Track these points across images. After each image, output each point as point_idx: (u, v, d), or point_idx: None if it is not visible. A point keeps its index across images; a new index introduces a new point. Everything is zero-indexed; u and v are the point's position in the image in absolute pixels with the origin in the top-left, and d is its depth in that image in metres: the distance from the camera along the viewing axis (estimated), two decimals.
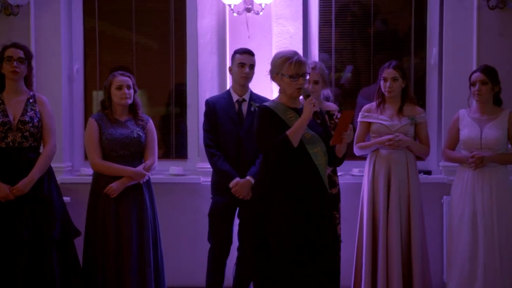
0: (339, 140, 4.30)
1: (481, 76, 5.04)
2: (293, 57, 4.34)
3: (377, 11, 6.23)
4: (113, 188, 5.01)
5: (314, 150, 4.35)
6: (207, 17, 6.08)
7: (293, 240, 4.28)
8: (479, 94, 5.05)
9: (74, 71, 6.34)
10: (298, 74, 4.32)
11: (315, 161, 4.34)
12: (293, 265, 4.27)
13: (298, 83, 4.33)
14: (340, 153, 4.42)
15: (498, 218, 4.92)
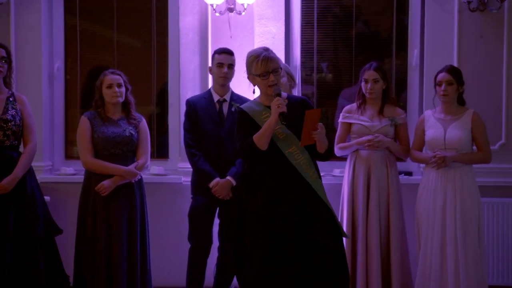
0: (310, 140, 4.23)
1: (447, 76, 5.05)
2: (260, 55, 4.29)
3: (359, 13, 6.24)
4: (104, 186, 5.00)
5: (289, 150, 4.31)
6: (189, 16, 6.07)
7: (266, 240, 4.26)
8: (444, 95, 5.06)
9: (54, 70, 6.31)
10: (267, 71, 4.27)
11: (291, 161, 4.30)
12: (268, 264, 4.24)
13: (269, 80, 4.28)
14: (321, 148, 4.34)
15: (461, 218, 4.92)
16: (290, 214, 4.26)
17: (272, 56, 4.30)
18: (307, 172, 4.32)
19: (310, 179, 4.32)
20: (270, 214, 4.27)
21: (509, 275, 5.84)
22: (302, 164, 4.31)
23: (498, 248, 5.84)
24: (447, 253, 4.93)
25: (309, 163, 4.35)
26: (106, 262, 5.01)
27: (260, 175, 4.35)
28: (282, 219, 4.26)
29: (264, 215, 4.28)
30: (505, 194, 5.89)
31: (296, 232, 4.25)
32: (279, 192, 4.29)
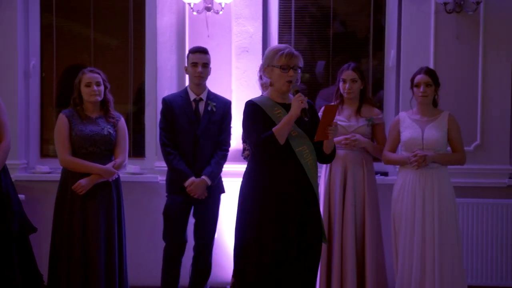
0: (324, 136, 4.20)
1: (426, 78, 5.07)
2: (285, 49, 4.27)
3: (336, 13, 6.26)
4: (81, 185, 4.97)
5: (300, 149, 4.27)
6: (167, 15, 6.06)
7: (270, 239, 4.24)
8: (423, 96, 5.08)
9: (30, 67, 6.26)
10: (289, 65, 4.23)
11: (300, 159, 4.26)
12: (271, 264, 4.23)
13: (288, 75, 4.23)
14: (328, 149, 4.34)
15: (440, 218, 4.94)
16: (294, 213, 4.24)
17: (297, 54, 4.29)
18: (313, 173, 4.31)
19: (313, 180, 4.30)
20: (275, 212, 4.24)
21: (483, 274, 5.88)
22: (309, 164, 4.28)
23: (473, 248, 5.88)
24: (426, 254, 4.95)
25: (315, 165, 4.33)
26: (83, 262, 4.98)
27: (267, 171, 4.31)
28: (286, 218, 4.24)
29: (269, 213, 4.25)
30: (480, 195, 5.94)
31: (298, 232, 4.23)
32: (285, 190, 4.26)
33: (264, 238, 4.24)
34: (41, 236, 5.47)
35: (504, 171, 5.95)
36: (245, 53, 6.04)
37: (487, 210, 5.89)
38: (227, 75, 6.04)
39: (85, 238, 4.98)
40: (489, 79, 5.89)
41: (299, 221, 4.24)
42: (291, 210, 4.23)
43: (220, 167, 5.31)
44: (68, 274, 4.98)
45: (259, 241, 4.26)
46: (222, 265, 5.87)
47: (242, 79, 6.02)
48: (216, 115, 5.31)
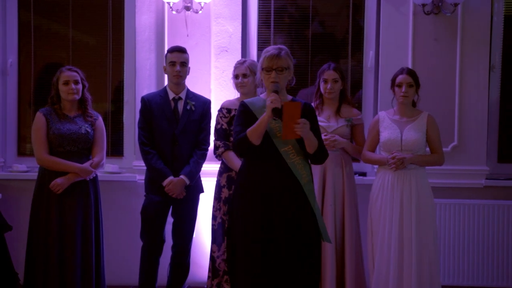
0: (292, 134, 4.14)
1: (408, 78, 5.09)
2: (270, 51, 4.28)
3: (315, 13, 6.27)
4: (58, 183, 4.95)
5: (285, 149, 4.26)
6: (146, 14, 6.04)
7: (257, 240, 4.24)
8: (405, 96, 5.10)
9: (7, 65, 6.23)
10: (271, 67, 4.23)
11: (286, 159, 4.25)
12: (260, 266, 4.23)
13: (270, 76, 4.25)
14: (310, 148, 4.27)
15: (418, 219, 4.96)
16: (280, 214, 4.22)
17: (281, 55, 4.26)
18: (301, 173, 4.28)
19: (302, 180, 4.27)
20: (260, 213, 4.24)
21: (459, 274, 5.92)
22: (296, 164, 4.26)
23: (450, 248, 5.91)
24: (404, 254, 4.98)
25: (304, 164, 4.30)
26: (59, 261, 4.97)
27: (254, 172, 4.31)
28: (271, 218, 4.23)
29: (254, 214, 4.25)
30: (457, 196, 5.98)
31: (286, 232, 4.21)
32: (269, 191, 4.25)
33: (250, 239, 4.24)
34: (17, 235, 5.44)
35: (481, 172, 5.98)
36: (224, 53, 6.04)
37: (464, 210, 5.92)
38: (206, 75, 6.03)
39: (62, 237, 4.98)
40: (467, 80, 5.93)
41: (286, 222, 4.22)
42: (276, 210, 4.22)
43: (199, 166, 5.31)
44: (45, 273, 4.98)
45: (245, 243, 4.27)
46: (200, 265, 5.86)
47: (221, 79, 6.02)
48: (195, 114, 5.30)
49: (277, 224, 4.21)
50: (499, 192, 6.02)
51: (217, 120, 5.34)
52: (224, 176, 5.27)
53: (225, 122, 5.28)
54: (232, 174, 5.22)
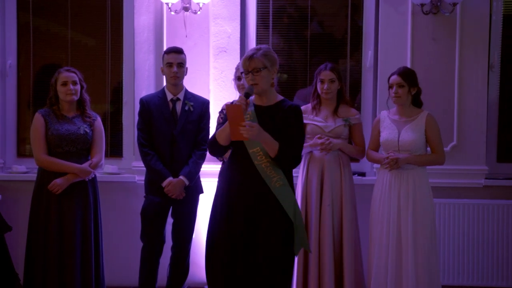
0: (239, 136, 4.09)
1: (398, 79, 5.08)
2: (246, 54, 4.28)
3: (314, 14, 6.27)
4: (57, 184, 4.95)
5: (253, 150, 4.23)
6: (144, 15, 6.04)
7: (219, 241, 4.27)
8: (396, 97, 5.09)
9: (7, 67, 6.23)
10: (247, 70, 4.22)
11: (254, 161, 4.22)
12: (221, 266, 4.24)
13: (248, 79, 4.24)
14: (270, 152, 4.19)
15: (415, 218, 4.96)
16: (239, 218, 4.21)
17: (255, 57, 4.21)
18: (270, 176, 4.21)
19: (272, 184, 4.20)
20: (225, 213, 4.25)
21: (459, 274, 5.92)
22: (264, 167, 4.22)
23: (449, 248, 5.91)
24: (402, 254, 4.97)
25: (274, 168, 4.22)
26: (59, 261, 4.97)
27: (227, 173, 4.34)
28: (233, 219, 4.23)
29: (221, 212, 4.27)
30: (457, 195, 5.98)
31: (244, 239, 4.19)
32: (235, 191, 4.25)
33: (215, 238, 4.29)
34: (17, 235, 5.46)
35: (480, 171, 5.99)
36: (223, 53, 6.04)
37: (464, 210, 5.92)
38: (205, 75, 6.04)
39: (61, 238, 4.98)
40: (466, 80, 5.93)
41: (244, 229, 4.19)
42: (238, 210, 4.21)
43: (198, 167, 5.31)
44: (44, 273, 4.98)
45: (211, 242, 4.33)
46: (200, 265, 5.85)
47: (220, 79, 6.02)
48: (194, 115, 5.31)
49: (237, 226, 4.20)
50: (498, 191, 6.01)
51: (218, 121, 5.35)
52: None
53: None
54: None
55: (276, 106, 4.30)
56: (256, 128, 4.09)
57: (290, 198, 4.25)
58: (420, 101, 5.19)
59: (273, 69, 4.28)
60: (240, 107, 4.09)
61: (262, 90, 4.27)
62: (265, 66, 4.22)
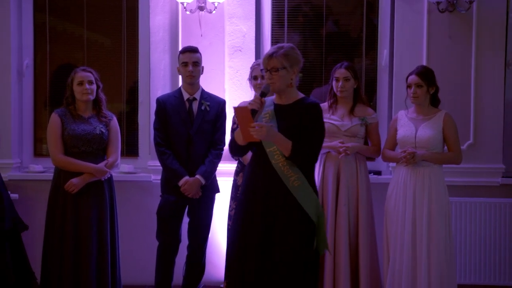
0: (249, 137, 4.12)
1: (416, 78, 5.07)
2: (268, 52, 4.27)
3: (329, 12, 6.26)
4: (73, 184, 4.97)
5: (270, 149, 4.22)
6: (160, 14, 6.06)
7: (233, 235, 4.33)
8: (414, 97, 5.08)
9: (23, 66, 6.25)
10: (266, 68, 4.23)
11: (271, 160, 4.21)
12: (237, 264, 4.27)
13: (267, 77, 4.25)
14: (284, 151, 4.17)
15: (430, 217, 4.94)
16: (257, 218, 4.21)
17: (274, 56, 4.21)
18: (287, 175, 4.19)
19: (290, 183, 4.18)
20: (244, 211, 4.28)
21: (476, 273, 5.89)
22: (281, 166, 4.20)
23: (466, 247, 5.89)
24: (417, 252, 4.96)
25: (291, 167, 4.19)
26: (75, 261, 4.99)
27: (248, 172, 4.35)
28: (252, 218, 4.24)
29: (241, 212, 4.30)
30: (473, 194, 5.95)
31: (262, 239, 4.18)
32: (253, 189, 4.26)
33: (235, 237, 4.32)
34: (34, 235, 5.48)
35: (497, 170, 5.96)
36: (238, 53, 6.05)
37: (480, 209, 5.90)
38: (220, 75, 6.04)
39: (77, 237, 4.99)
40: (482, 78, 5.91)
41: (267, 223, 4.18)
42: (257, 210, 4.22)
43: (214, 166, 5.31)
44: (60, 272, 5.00)
45: (232, 239, 4.37)
46: (215, 264, 5.87)
47: (235, 79, 6.03)
48: (210, 115, 5.31)
49: (255, 226, 4.21)
50: None
51: (233, 120, 5.35)
52: (241, 176, 5.26)
53: None
54: None
55: (295, 104, 4.28)
56: (265, 128, 4.08)
57: (310, 197, 4.22)
58: (438, 99, 5.17)
59: (292, 69, 4.25)
60: (247, 109, 4.11)
61: (279, 89, 4.26)
62: (284, 67, 4.21)
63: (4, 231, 4.94)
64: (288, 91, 4.30)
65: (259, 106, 4.17)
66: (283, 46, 4.27)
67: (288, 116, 4.25)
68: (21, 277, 5.10)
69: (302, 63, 4.35)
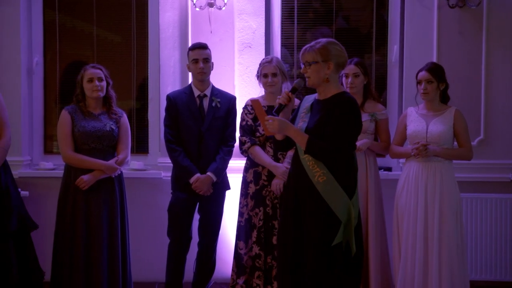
0: (266, 131, 4.18)
1: (427, 75, 5.06)
2: (306, 46, 4.26)
3: (339, 8, 6.25)
4: (83, 180, 4.99)
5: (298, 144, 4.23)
6: (169, 11, 6.05)
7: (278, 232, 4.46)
8: (424, 93, 5.07)
9: (33, 64, 6.26)
10: (303, 62, 4.23)
11: (300, 155, 4.21)
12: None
13: (303, 71, 4.24)
14: (302, 145, 4.15)
15: (442, 213, 4.94)
16: (289, 213, 4.26)
17: (309, 50, 4.20)
18: (313, 170, 4.14)
19: (315, 179, 4.12)
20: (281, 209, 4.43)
21: (488, 270, 5.88)
22: (307, 160, 4.17)
23: (477, 244, 5.88)
24: (428, 248, 4.95)
25: (317, 162, 4.12)
26: (86, 258, 5.00)
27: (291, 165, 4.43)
28: (283, 216, 4.37)
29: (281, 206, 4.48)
30: (484, 190, 5.93)
31: (293, 234, 4.22)
32: (287, 188, 4.34)
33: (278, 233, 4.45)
34: (45, 232, 5.50)
35: (507, 165, 5.94)
36: (248, 49, 6.04)
37: (491, 204, 5.87)
38: (230, 71, 6.04)
39: (88, 234, 5.01)
40: (493, 74, 5.89)
41: (297, 220, 4.21)
42: (289, 205, 4.26)
43: (225, 163, 5.31)
44: (71, 270, 5.01)
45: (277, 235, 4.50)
46: (226, 261, 5.86)
47: (245, 75, 6.02)
48: (221, 111, 5.31)
49: (291, 226, 4.24)
50: None
51: (242, 117, 5.34)
52: (251, 172, 5.27)
53: (250, 118, 5.28)
54: (258, 169, 5.22)
55: (329, 100, 4.22)
56: (276, 122, 4.10)
57: (337, 195, 4.12)
58: (447, 96, 5.16)
59: (327, 64, 4.17)
60: (257, 102, 4.19)
61: (313, 84, 4.24)
62: (316, 61, 4.17)
63: (9, 232, 4.95)
64: (325, 86, 4.23)
65: (286, 101, 4.19)
66: (320, 41, 4.23)
67: (320, 111, 4.21)
68: (26, 276, 5.09)
69: (343, 58, 4.26)
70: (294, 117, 4.37)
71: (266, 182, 5.20)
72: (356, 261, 4.20)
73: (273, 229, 5.14)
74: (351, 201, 4.12)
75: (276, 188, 5.08)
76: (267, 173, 5.20)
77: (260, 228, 5.19)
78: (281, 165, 5.11)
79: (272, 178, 5.14)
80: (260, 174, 5.21)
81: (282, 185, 5.05)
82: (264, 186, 5.21)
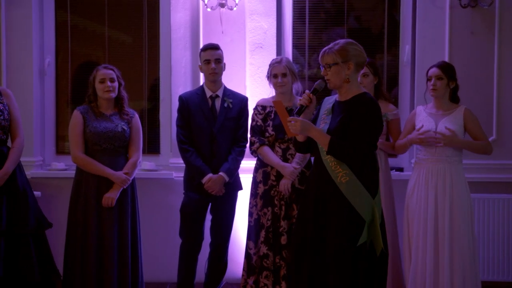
0: (289, 132, 4.18)
1: (437, 71, 5.05)
2: (325, 48, 4.26)
3: (350, 8, 6.24)
4: (110, 198, 5.01)
5: (321, 145, 4.22)
6: (181, 12, 6.06)
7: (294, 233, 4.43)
8: (434, 89, 5.06)
9: (45, 65, 6.27)
10: (322, 64, 4.22)
11: (322, 156, 4.20)
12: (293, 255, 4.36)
13: (323, 73, 4.24)
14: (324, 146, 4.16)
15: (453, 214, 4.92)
16: (310, 215, 4.23)
17: (328, 52, 4.19)
18: (335, 171, 4.13)
19: (338, 180, 4.11)
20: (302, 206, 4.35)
21: (499, 271, 5.86)
22: (329, 161, 4.16)
23: (489, 244, 5.85)
24: (439, 249, 4.94)
25: (339, 163, 4.11)
26: (97, 258, 5.01)
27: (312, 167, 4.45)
28: (303, 219, 4.30)
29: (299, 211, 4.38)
30: (496, 190, 5.91)
31: (313, 237, 4.20)
32: (307, 189, 4.32)
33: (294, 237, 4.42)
34: (57, 232, 5.50)
35: None
36: (259, 49, 6.04)
37: (504, 205, 5.85)
38: (241, 71, 6.04)
39: (99, 234, 5.02)
40: (505, 74, 5.87)
41: (318, 222, 4.19)
42: (310, 206, 4.24)
43: (237, 163, 5.31)
44: (82, 270, 5.02)
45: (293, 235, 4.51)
46: (238, 262, 5.86)
47: (256, 75, 6.02)
48: (233, 112, 5.31)
49: (311, 226, 4.22)
50: None
51: (253, 118, 5.34)
52: (260, 172, 5.27)
53: (260, 118, 5.28)
54: (267, 169, 5.22)
55: (350, 101, 4.20)
56: (299, 123, 4.11)
57: (360, 195, 4.10)
58: (457, 97, 5.14)
59: (347, 65, 4.17)
60: (280, 103, 4.19)
61: (334, 85, 4.23)
62: (336, 62, 4.16)
63: (28, 230, 4.97)
64: (346, 87, 4.22)
65: (307, 102, 4.19)
66: (339, 42, 4.23)
67: (341, 112, 4.19)
68: (46, 276, 5.12)
69: (362, 58, 4.26)
70: (315, 119, 4.36)
71: (275, 182, 5.20)
72: (383, 260, 4.19)
73: (281, 229, 5.14)
74: (374, 200, 4.11)
75: (284, 188, 5.08)
76: (275, 173, 5.19)
77: (268, 228, 5.18)
78: (289, 165, 5.11)
79: (281, 178, 5.14)
80: (269, 174, 5.20)
81: (290, 185, 5.06)
82: (272, 186, 5.20)
